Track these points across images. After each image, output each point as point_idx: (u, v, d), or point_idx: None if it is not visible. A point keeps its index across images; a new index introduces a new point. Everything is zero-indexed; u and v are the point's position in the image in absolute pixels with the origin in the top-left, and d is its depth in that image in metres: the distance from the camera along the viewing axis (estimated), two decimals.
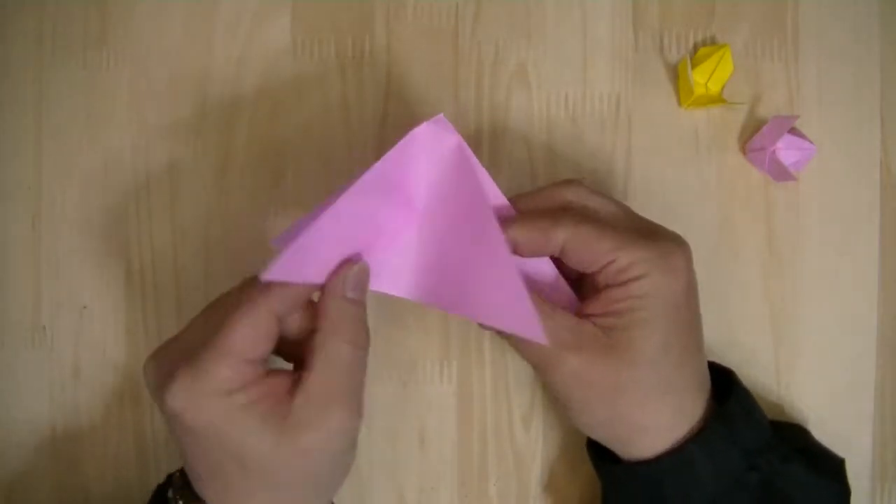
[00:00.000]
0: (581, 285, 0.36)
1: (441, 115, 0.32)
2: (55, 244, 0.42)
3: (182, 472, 0.34)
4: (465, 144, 0.33)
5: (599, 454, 0.37)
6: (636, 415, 0.34)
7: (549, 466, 0.42)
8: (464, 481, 0.42)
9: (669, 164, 0.42)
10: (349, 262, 0.32)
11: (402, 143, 0.32)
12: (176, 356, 0.31)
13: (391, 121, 0.42)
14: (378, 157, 0.42)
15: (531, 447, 0.42)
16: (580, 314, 0.34)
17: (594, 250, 0.32)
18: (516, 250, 0.33)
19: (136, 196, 0.42)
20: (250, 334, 0.29)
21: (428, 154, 0.33)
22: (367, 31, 0.42)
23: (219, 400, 0.29)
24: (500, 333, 0.35)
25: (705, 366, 0.35)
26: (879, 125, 0.42)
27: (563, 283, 0.35)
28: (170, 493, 0.34)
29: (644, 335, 0.33)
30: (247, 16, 0.42)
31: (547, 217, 0.33)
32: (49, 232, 0.42)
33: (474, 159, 0.33)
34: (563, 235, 0.32)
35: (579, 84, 0.42)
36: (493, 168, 0.42)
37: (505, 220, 0.33)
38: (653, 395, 0.33)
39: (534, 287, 0.35)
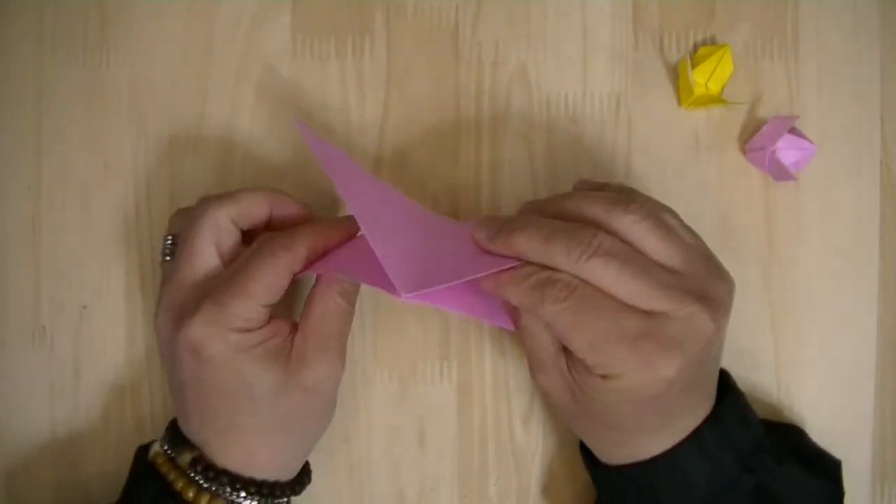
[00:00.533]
0: None
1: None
2: (55, 244, 0.42)
3: (167, 429, 0.36)
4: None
5: (592, 457, 0.37)
6: (619, 441, 0.34)
7: (549, 466, 0.42)
8: (464, 481, 0.42)
9: (669, 164, 0.42)
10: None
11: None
12: (197, 294, 0.34)
13: (391, 121, 0.42)
14: (378, 156, 0.42)
15: (531, 447, 0.42)
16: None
17: (568, 342, 0.32)
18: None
19: (135, 196, 0.42)
20: (270, 283, 0.33)
21: None
22: (367, 31, 0.42)
23: (236, 335, 0.33)
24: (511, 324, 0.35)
25: (712, 390, 0.35)
26: (879, 125, 0.42)
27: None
28: (157, 447, 0.36)
29: (614, 415, 0.32)
30: (247, 16, 0.42)
31: (536, 292, 0.31)
32: (49, 232, 0.42)
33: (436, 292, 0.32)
34: (546, 316, 0.31)
35: (579, 84, 0.42)
36: (493, 167, 0.42)
37: (500, 278, 0.33)
38: (632, 438, 0.33)
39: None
